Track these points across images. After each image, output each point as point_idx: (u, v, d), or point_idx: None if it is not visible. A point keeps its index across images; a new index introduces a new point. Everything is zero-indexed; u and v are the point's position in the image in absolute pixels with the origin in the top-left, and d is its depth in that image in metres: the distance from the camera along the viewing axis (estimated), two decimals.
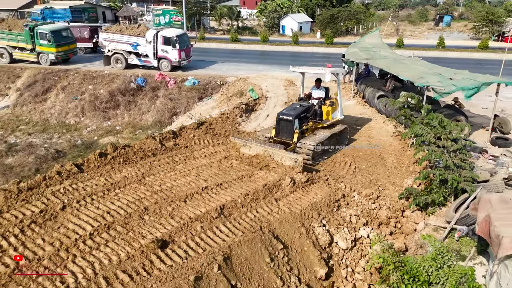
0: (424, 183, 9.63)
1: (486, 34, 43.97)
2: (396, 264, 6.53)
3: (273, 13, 55.16)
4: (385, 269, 6.92)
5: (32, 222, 6.85)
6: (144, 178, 8.62)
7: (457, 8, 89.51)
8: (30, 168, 14.67)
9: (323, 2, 61.72)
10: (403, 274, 6.50)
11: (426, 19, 73.55)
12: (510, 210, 5.30)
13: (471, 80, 12.22)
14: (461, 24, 64.18)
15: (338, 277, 7.09)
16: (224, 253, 6.18)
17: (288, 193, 8.22)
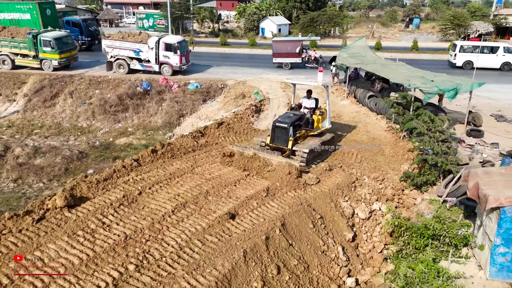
0: (418, 167, 11.92)
1: (453, 36, 47.62)
2: (408, 225, 8.63)
3: (253, 15, 56.98)
4: (397, 231, 9.04)
5: (120, 205, 8.53)
6: (194, 169, 10.42)
7: (424, 9, 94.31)
8: (60, 168, 15.96)
9: (299, 5, 64.26)
10: (411, 233, 8.63)
11: (396, 20, 77.02)
12: (491, 178, 7.47)
13: (450, 82, 14.62)
14: (428, 25, 68.12)
15: (360, 239, 9.14)
16: (281, 220, 8.10)
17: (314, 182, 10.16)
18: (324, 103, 13.85)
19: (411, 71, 16.79)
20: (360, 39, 22.07)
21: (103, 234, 7.52)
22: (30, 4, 32.38)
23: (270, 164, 10.65)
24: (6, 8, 32.71)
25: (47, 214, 8.16)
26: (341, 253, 8.30)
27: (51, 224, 7.80)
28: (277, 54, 27.39)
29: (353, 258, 8.45)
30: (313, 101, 13.15)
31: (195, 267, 6.64)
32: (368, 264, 8.56)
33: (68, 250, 7.01)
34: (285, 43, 28.27)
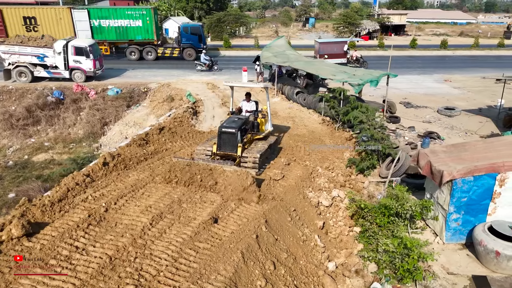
0: (358, 153, 13.11)
1: (346, 34, 52.38)
2: (370, 207, 9.49)
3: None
4: (359, 213, 9.87)
5: (88, 225, 7.80)
6: (154, 178, 9.96)
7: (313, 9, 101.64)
8: None
9: (200, 5, 64.22)
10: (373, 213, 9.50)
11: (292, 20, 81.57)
12: (439, 156, 8.65)
13: (370, 74, 16.25)
14: (321, 24, 73.74)
15: (328, 226, 9.75)
16: (263, 218, 8.27)
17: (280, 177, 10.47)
18: (264, 105, 13.52)
19: (334, 67, 18.21)
20: (280, 39, 23.13)
21: (81, 259, 6.82)
22: (144, 10, 29.81)
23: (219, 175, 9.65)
24: (113, 14, 29.44)
25: (2, 247, 7.09)
26: (318, 241, 8.78)
27: (11, 258, 6.81)
28: (323, 55, 28.24)
29: (327, 243, 9.00)
30: (253, 104, 12.82)
31: (198, 276, 6.46)
32: (340, 247, 9.19)
33: (48, 283, 6.23)
34: (331, 44, 29.50)
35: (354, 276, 8.17)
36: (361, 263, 8.56)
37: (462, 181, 7.92)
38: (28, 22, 28.75)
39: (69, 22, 29.31)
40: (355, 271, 8.34)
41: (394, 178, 11.20)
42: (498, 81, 24.39)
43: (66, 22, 29.21)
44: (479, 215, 8.24)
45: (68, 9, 29.41)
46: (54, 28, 29.06)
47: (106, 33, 30.01)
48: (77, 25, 29.39)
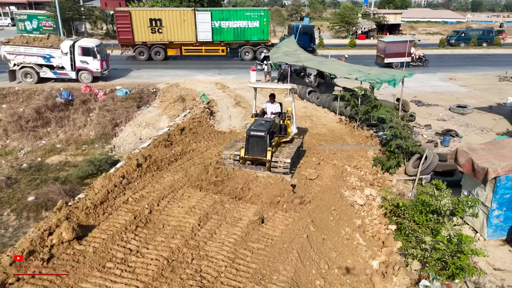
0: (381, 152, 13.21)
1: (344, 33, 52.69)
2: (406, 204, 9.55)
3: None
4: (394, 211, 9.93)
5: (136, 227, 7.71)
6: (189, 179, 9.88)
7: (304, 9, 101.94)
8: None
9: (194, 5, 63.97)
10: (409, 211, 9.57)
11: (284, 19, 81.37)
12: (479, 154, 8.77)
13: (385, 74, 16.35)
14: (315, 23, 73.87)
15: (364, 224, 9.80)
16: (310, 217, 8.28)
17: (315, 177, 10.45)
18: (289, 107, 12.83)
19: (347, 66, 18.27)
20: (288, 38, 23.13)
21: (138, 261, 6.75)
22: (262, 11, 30.92)
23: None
24: (234, 15, 30.39)
25: (54, 251, 6.97)
26: (360, 240, 8.83)
27: (67, 262, 6.70)
28: (389, 54, 28.46)
29: (366, 242, 9.05)
30: (278, 105, 12.22)
31: (260, 277, 6.44)
32: (379, 245, 9.25)
33: (110, 286, 6.15)
34: (397, 43, 29.44)
35: (400, 274, 8.23)
36: (402, 261, 8.64)
37: (506, 178, 8.05)
38: (153, 24, 29.49)
39: (192, 24, 29.93)
40: (398, 269, 8.41)
41: (424, 176, 11.31)
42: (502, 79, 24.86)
43: (189, 23, 29.88)
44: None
45: (192, 11, 30.17)
46: (178, 30, 29.89)
47: (225, 34, 30.61)
48: (199, 27, 30.03)
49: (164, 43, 30.27)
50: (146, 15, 29.29)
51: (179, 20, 29.63)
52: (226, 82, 23.20)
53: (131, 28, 29.25)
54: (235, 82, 23.24)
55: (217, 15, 30.13)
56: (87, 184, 14.89)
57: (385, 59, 28.81)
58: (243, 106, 18.13)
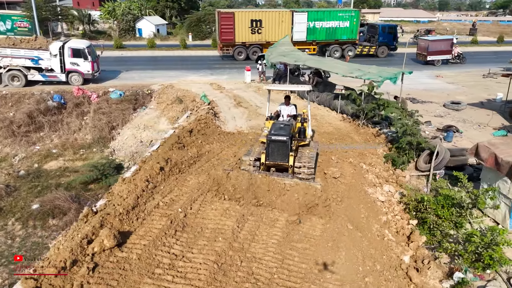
0: (389, 149, 13.51)
1: None
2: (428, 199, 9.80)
3: (127, 15, 53.97)
4: (416, 206, 10.17)
5: (175, 231, 7.58)
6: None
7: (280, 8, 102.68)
8: None
9: (171, 4, 63.16)
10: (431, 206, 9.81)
11: None
12: (501, 148, 9.12)
13: (384, 72, 16.69)
14: None
15: (388, 220, 9.99)
16: (345, 216, 8.38)
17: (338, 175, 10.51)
18: (304, 109, 12.35)
19: (346, 65, 18.55)
20: (283, 38, 23.21)
21: (186, 266, 6.64)
22: (353, 12, 32.61)
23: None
24: (327, 16, 31.83)
25: (96, 259, 6.76)
26: (390, 236, 9.00)
27: (114, 270, 6.51)
28: (432, 52, 29.78)
29: (395, 237, 9.24)
30: (293, 107, 11.70)
31: (314, 277, 6.47)
32: (404, 240, 9.44)
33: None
34: (440, 42, 30.82)
35: (431, 268, 8.43)
36: (430, 255, 8.87)
37: None
38: (254, 25, 30.77)
39: (289, 24, 31.30)
40: (428, 262, 8.61)
41: (438, 172, 11.64)
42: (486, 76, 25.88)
43: (286, 24, 31.26)
44: None
45: (290, 12, 31.70)
46: (275, 30, 31.12)
47: (317, 34, 31.97)
48: (295, 27, 31.41)
49: (261, 43, 31.20)
50: (248, 17, 30.62)
51: (278, 21, 31.04)
52: (220, 82, 23.05)
53: (234, 29, 30.38)
54: (230, 82, 23.14)
55: (312, 16, 31.68)
56: (92, 190, 14.59)
57: (427, 57, 30.15)
58: (245, 106, 18.09)
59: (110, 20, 59.12)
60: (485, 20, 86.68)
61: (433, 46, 30.36)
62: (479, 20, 75.57)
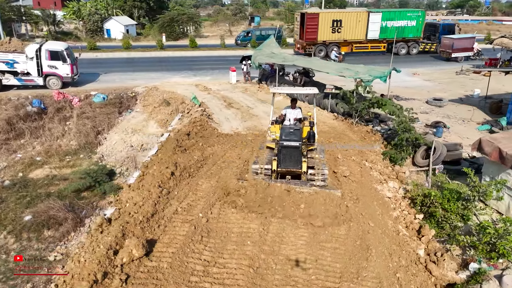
0: (386, 146, 13.87)
1: None
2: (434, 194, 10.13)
3: (94, 15, 52.47)
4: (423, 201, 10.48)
5: (201, 237, 7.43)
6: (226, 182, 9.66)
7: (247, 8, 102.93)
8: None
9: (139, 4, 61.93)
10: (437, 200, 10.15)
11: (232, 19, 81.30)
12: (504, 143, 9.56)
13: (373, 70, 17.10)
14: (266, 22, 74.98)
15: (398, 215, 10.25)
16: (364, 213, 8.51)
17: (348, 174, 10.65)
18: (309, 112, 11.91)
19: (335, 64, 18.87)
20: (269, 39, 23.25)
21: (221, 272, 6.53)
22: (420, 12, 35.57)
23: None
24: (398, 16, 34.34)
25: (126, 270, 6.51)
26: (404, 231, 9.24)
27: (147, 280, 6.31)
28: (456, 49, 31.79)
29: (408, 232, 9.49)
30: (299, 110, 11.21)
31: (352, 276, 6.53)
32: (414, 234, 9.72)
33: None
34: (463, 40, 32.84)
35: (447, 260, 8.73)
36: (441, 247, 9.18)
37: None
38: (335, 25, 32.94)
39: (364, 24, 33.54)
40: (441, 255, 8.91)
41: (437, 166, 12.06)
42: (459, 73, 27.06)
43: (362, 23, 33.48)
44: None
45: (367, 12, 34.03)
46: (353, 29, 33.40)
47: (388, 32, 34.08)
48: (370, 26, 33.67)
49: (339, 42, 33.54)
50: (330, 17, 32.93)
51: (355, 21, 33.29)
52: (205, 83, 22.80)
53: (317, 28, 32.43)
54: (215, 83, 22.93)
55: (385, 16, 34.11)
56: (85, 198, 14.00)
57: (452, 54, 31.91)
58: (236, 107, 17.98)
59: (76, 20, 57.26)
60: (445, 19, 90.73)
61: (457, 44, 32.32)
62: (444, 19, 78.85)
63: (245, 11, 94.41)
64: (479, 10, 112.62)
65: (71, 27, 57.51)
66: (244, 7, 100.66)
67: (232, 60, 30.14)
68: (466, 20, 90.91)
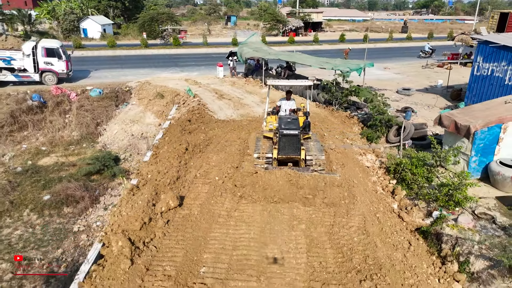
0: (363, 128, 15.95)
1: (275, 30, 56.00)
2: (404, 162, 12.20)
3: (70, 15, 52.64)
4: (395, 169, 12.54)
5: (221, 194, 9.12)
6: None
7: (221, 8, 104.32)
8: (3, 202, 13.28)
9: (115, 4, 62.41)
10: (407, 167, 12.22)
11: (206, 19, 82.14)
12: (459, 117, 11.70)
13: (350, 63, 19.21)
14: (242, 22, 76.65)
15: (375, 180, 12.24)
16: (350, 174, 10.45)
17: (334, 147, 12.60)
18: (301, 103, 13.25)
19: (315, 58, 20.84)
20: (253, 36, 25.04)
21: (242, 215, 8.26)
22: None
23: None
24: None
25: (165, 216, 8.16)
26: (381, 190, 11.24)
27: (184, 222, 7.97)
28: None
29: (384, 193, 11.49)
30: (294, 102, 12.07)
31: (343, 214, 8.41)
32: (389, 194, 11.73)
33: (234, 233, 7.62)
34: None
35: (415, 211, 10.77)
36: (411, 203, 11.24)
37: (481, 132, 11.05)
38: None
39: None
40: (411, 208, 10.96)
41: (406, 142, 14.19)
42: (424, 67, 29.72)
43: None
44: (489, 156, 11.49)
45: None
46: None
47: None
48: None
49: None
50: None
51: None
52: (194, 78, 24.35)
53: None
54: (203, 78, 24.50)
55: None
56: (96, 180, 15.37)
57: None
58: (228, 98, 19.65)
59: (51, 20, 57.17)
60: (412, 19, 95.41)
61: None
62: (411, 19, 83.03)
63: (219, 11, 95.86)
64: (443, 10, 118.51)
65: (46, 26, 57.27)
66: (218, 7, 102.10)
67: (215, 57, 31.78)
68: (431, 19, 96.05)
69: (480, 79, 17.47)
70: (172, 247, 7.20)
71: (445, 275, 7.97)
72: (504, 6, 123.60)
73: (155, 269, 6.60)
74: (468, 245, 8.82)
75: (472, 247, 8.73)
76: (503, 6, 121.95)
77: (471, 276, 8.14)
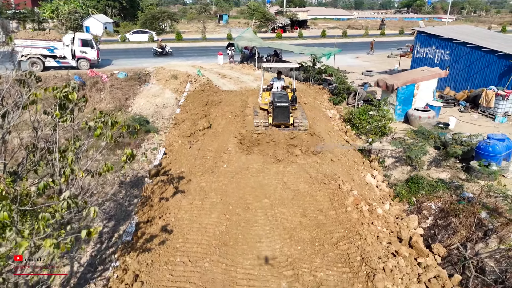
0: (330, 95, 21.73)
1: (264, 28, 61.56)
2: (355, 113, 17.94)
3: (74, 14, 57.32)
4: (350, 116, 18.33)
5: (236, 121, 14.72)
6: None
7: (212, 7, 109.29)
8: None
9: (113, 3, 67.27)
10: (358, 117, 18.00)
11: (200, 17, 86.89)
12: (388, 79, 17.43)
13: (324, 50, 24.95)
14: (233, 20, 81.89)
15: (334, 125, 17.98)
16: (321, 117, 16.17)
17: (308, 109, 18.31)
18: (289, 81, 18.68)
19: (297, 46, 26.54)
20: (247, 31, 30.67)
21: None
22: None
23: None
24: None
25: (201, 132, 13.73)
26: (338, 130, 16.98)
27: (213, 134, 13.56)
28: None
29: (341, 132, 17.21)
30: (283, 80, 15.79)
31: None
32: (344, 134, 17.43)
33: None
34: None
35: (359, 140, 16.51)
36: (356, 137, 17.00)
37: (401, 89, 16.83)
38: None
39: None
40: (356, 140, 16.70)
41: (359, 103, 20.00)
42: (390, 56, 35.66)
43: None
44: (408, 105, 17.27)
45: None
46: None
47: None
48: None
49: None
50: None
51: None
52: (199, 64, 29.84)
53: None
54: (207, 65, 30.03)
55: None
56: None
57: None
58: (228, 77, 25.22)
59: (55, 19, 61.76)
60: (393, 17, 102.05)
61: None
62: (388, 17, 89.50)
63: (209, 10, 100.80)
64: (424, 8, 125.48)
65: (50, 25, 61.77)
66: (208, 6, 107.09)
67: (214, 49, 37.24)
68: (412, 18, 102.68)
69: (418, 60, 23.38)
70: (209, 143, 12.78)
71: (370, 168, 13.67)
72: (483, 5, 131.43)
73: (203, 150, 12.18)
74: (385, 153, 14.63)
75: (387, 154, 14.53)
76: (482, 6, 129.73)
77: (385, 167, 13.90)
